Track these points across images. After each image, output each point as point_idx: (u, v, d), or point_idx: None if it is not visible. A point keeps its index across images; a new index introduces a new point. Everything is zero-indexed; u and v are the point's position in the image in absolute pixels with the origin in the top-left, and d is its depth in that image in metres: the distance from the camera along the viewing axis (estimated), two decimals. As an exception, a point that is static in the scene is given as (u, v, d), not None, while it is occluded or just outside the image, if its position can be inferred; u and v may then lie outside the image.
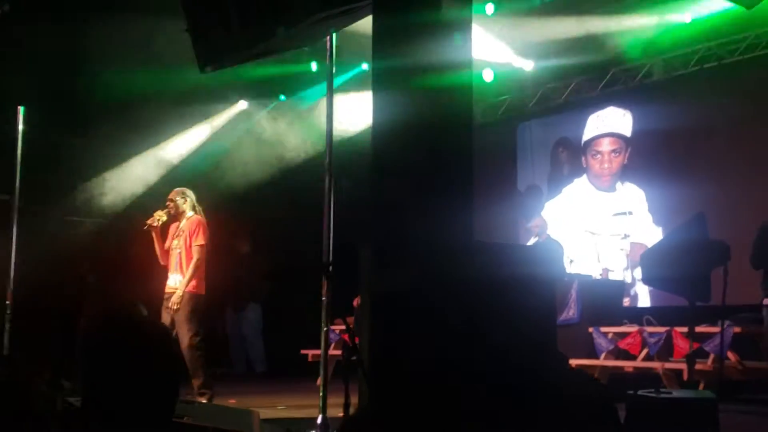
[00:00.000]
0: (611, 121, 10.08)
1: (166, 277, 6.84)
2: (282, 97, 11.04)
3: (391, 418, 1.62)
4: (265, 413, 5.31)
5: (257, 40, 4.40)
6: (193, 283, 6.68)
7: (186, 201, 6.87)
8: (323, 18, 4.29)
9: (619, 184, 9.95)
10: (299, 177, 9.54)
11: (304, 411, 6.25)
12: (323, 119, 5.26)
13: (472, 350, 3.03)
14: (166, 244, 6.88)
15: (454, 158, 3.25)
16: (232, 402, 6.99)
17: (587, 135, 10.34)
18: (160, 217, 6.75)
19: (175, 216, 6.89)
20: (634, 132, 9.73)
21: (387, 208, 3.26)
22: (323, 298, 4.96)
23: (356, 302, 7.23)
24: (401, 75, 3.33)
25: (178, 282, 6.69)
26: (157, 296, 6.84)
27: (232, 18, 4.35)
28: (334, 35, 5.23)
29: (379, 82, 3.41)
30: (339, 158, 5.11)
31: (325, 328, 5.05)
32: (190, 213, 6.87)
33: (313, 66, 10.16)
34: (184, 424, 4.01)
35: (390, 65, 3.39)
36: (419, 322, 2.98)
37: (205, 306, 6.77)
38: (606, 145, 10.14)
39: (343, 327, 7.87)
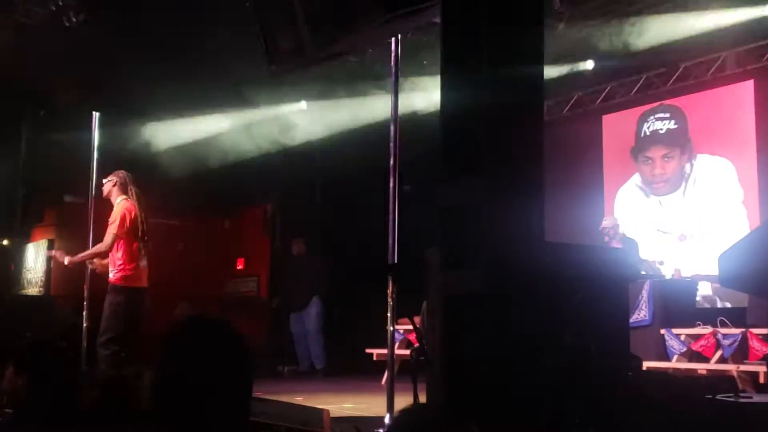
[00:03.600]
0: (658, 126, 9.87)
1: None
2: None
3: (458, 415, 1.63)
4: (333, 412, 5.34)
5: (324, 43, 4.44)
6: (118, 275, 6.15)
7: (115, 185, 6.30)
8: (388, 20, 4.30)
9: (684, 184, 9.71)
10: (362, 177, 9.57)
11: (371, 410, 6.28)
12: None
13: (544, 352, 3.01)
14: None
15: (525, 155, 3.21)
16: (299, 400, 7.06)
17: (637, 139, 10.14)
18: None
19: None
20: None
21: (457, 207, 3.24)
22: (389, 299, 4.97)
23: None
24: (471, 65, 3.27)
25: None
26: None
27: (299, 22, 4.40)
28: (399, 38, 5.23)
29: (448, 72, 3.36)
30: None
31: (391, 328, 5.07)
32: (119, 199, 6.30)
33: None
34: (257, 423, 4.07)
35: (460, 55, 3.32)
36: (491, 323, 2.97)
37: (127, 301, 6.10)
38: (656, 151, 9.92)
39: (408, 326, 7.93)
